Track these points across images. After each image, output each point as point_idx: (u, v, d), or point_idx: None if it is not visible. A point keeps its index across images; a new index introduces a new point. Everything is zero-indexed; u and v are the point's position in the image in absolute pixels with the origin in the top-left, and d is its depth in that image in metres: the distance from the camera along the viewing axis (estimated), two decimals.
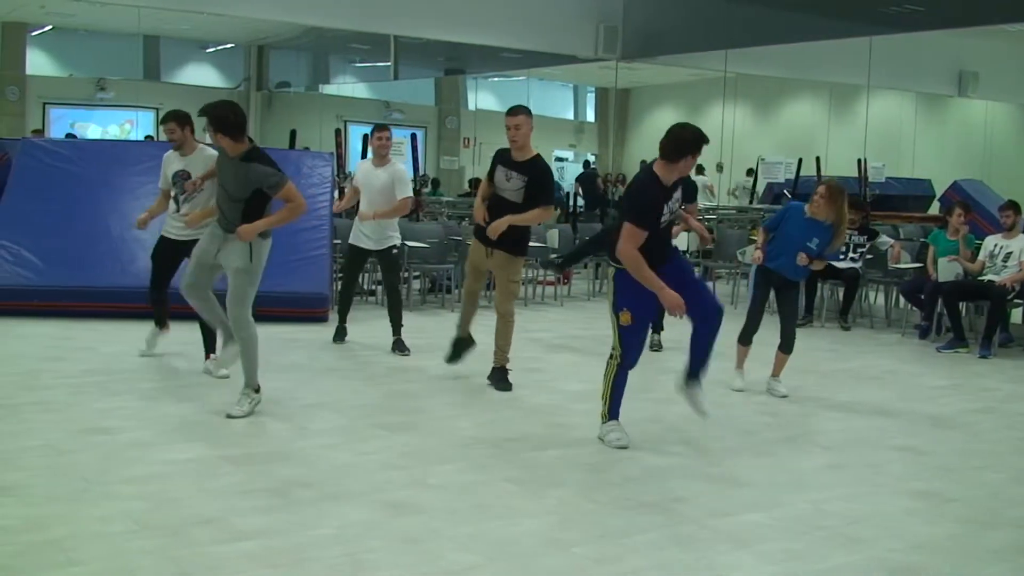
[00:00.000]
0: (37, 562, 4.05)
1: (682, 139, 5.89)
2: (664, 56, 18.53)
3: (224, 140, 6.36)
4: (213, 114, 6.34)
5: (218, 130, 6.32)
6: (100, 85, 24.64)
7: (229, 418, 6.32)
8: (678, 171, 5.94)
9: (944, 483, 5.74)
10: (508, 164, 7.38)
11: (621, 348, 6.08)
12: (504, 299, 7.59)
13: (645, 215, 5.89)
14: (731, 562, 4.40)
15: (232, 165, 6.39)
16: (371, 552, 4.31)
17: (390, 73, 21.89)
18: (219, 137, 6.36)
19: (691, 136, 5.89)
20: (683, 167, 5.93)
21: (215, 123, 6.32)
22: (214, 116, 6.33)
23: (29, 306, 9.62)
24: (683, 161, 5.89)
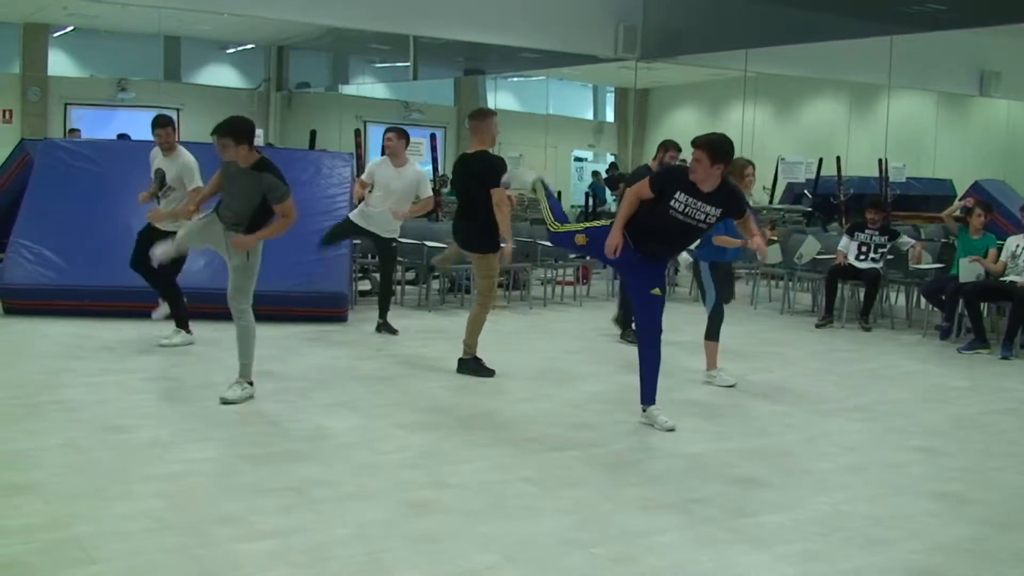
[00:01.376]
0: (59, 560, 4.08)
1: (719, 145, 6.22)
2: (684, 56, 18.50)
3: (243, 151, 6.60)
4: (236, 128, 6.60)
5: (240, 142, 6.57)
6: (121, 86, 24.75)
7: (224, 402, 6.59)
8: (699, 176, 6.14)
9: (965, 484, 5.71)
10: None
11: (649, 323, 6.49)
12: (481, 290, 8.15)
13: (655, 181, 6.31)
14: (750, 563, 4.39)
15: (243, 175, 6.65)
16: (390, 551, 4.32)
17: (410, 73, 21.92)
18: (240, 149, 6.59)
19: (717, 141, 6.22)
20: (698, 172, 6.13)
21: (239, 136, 6.58)
22: (237, 129, 6.59)
23: (50, 305, 9.67)
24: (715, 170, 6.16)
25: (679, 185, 6.17)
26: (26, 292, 9.73)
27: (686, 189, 6.15)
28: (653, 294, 6.45)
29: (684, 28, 17.76)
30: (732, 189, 6.34)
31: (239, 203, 6.72)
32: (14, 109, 23.45)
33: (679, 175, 6.26)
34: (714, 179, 6.15)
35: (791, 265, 12.18)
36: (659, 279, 6.57)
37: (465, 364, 8.02)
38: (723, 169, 6.16)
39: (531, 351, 9.23)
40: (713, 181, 6.15)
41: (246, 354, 6.79)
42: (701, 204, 6.17)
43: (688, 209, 6.16)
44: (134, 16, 20.88)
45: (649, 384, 6.55)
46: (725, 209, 6.26)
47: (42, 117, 23.39)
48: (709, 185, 6.15)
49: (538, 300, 12.47)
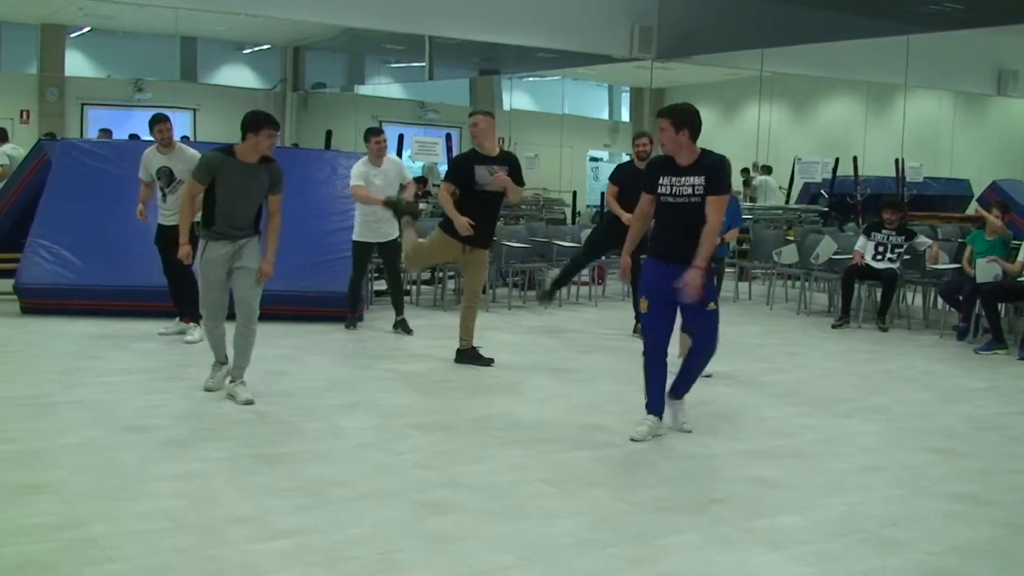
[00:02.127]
0: (76, 559, 4.09)
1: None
2: (699, 55, 18.46)
3: (250, 143, 6.58)
4: (267, 117, 6.61)
5: (264, 131, 6.54)
6: (138, 86, 24.84)
7: (247, 403, 6.63)
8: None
9: (982, 486, 5.69)
10: (487, 160, 8.17)
11: (644, 334, 6.34)
12: (478, 283, 8.49)
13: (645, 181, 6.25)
14: (766, 564, 4.38)
15: (246, 169, 6.57)
16: (404, 551, 4.32)
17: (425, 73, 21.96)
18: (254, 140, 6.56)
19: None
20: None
21: (263, 125, 6.55)
22: (269, 119, 6.61)
23: (67, 305, 9.72)
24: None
25: (660, 170, 6.12)
26: (44, 291, 9.78)
27: (667, 171, 6.08)
28: (709, 310, 6.15)
29: (700, 28, 17.73)
30: (715, 161, 6.09)
31: (250, 205, 6.68)
32: (32, 109, 23.57)
33: (657, 161, 6.26)
34: (688, 150, 6.01)
35: (807, 265, 12.15)
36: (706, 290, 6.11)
37: (464, 355, 8.32)
38: (690, 136, 6.00)
39: (546, 351, 9.22)
40: (688, 153, 6.02)
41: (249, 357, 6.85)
42: (683, 178, 6.03)
43: (674, 188, 6.04)
44: (151, 16, 20.96)
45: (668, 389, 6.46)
46: (707, 177, 5.98)
47: (59, 117, 23.49)
48: (685, 157, 6.03)
49: (553, 300, 12.46)
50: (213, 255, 6.64)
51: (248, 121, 6.59)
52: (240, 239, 6.66)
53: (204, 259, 6.67)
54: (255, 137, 6.53)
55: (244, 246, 6.67)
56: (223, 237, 6.63)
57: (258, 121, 6.57)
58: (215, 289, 6.72)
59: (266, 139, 6.55)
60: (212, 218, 6.63)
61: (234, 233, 6.63)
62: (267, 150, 6.61)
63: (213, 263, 6.65)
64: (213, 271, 6.66)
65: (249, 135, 6.56)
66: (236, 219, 6.63)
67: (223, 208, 6.60)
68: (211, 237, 6.65)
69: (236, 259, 6.66)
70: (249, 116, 6.64)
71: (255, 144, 6.55)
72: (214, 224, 6.63)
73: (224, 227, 6.61)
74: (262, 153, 6.60)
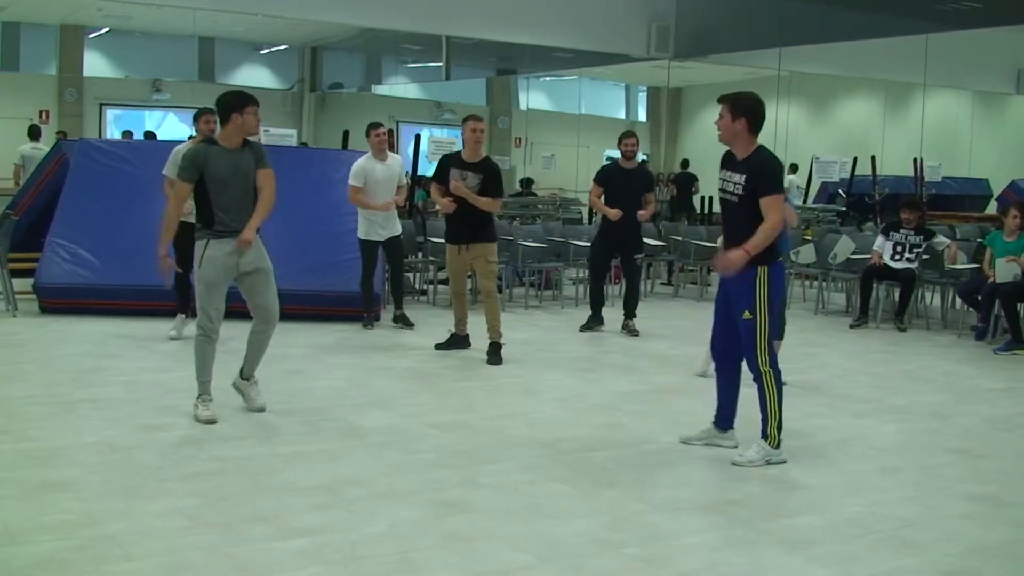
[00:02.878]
0: (94, 557, 4.11)
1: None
2: (717, 55, 18.42)
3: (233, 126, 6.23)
4: (248, 95, 6.32)
5: (249, 108, 6.22)
6: (156, 86, 24.96)
7: (260, 410, 6.51)
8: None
9: (1000, 487, 5.66)
10: (462, 165, 8.49)
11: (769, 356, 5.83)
12: (489, 280, 8.64)
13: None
14: (784, 565, 4.37)
15: (232, 155, 6.20)
16: (422, 551, 4.33)
17: (442, 73, 21.97)
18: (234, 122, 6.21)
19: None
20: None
21: (248, 103, 6.23)
22: (250, 96, 6.30)
23: (86, 304, 9.76)
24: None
25: (722, 164, 5.85)
26: (63, 291, 9.82)
27: (725, 164, 5.83)
28: (744, 319, 5.78)
29: (717, 27, 17.69)
30: (763, 158, 5.72)
31: (245, 192, 6.26)
32: (51, 110, 23.70)
33: (725, 155, 5.88)
34: (743, 141, 5.71)
35: (825, 265, 12.10)
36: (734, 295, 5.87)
37: (494, 348, 8.48)
38: (748, 127, 5.68)
39: (563, 351, 9.21)
40: (743, 144, 5.72)
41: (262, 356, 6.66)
42: (730, 173, 5.77)
43: (724, 184, 5.81)
44: (169, 17, 21.05)
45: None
46: (749, 176, 5.66)
47: (78, 118, 23.61)
48: (740, 150, 5.74)
49: (570, 300, 12.46)
50: (216, 253, 6.19)
51: (230, 101, 6.21)
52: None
53: (206, 258, 6.19)
54: (240, 117, 6.16)
55: (249, 250, 6.30)
56: (225, 234, 6.20)
57: (242, 99, 6.23)
58: (216, 290, 6.23)
59: (252, 117, 6.22)
60: (210, 216, 6.21)
61: (235, 228, 6.19)
62: (253, 129, 6.30)
63: (215, 261, 6.19)
64: (215, 270, 6.20)
65: (233, 116, 6.16)
66: (234, 211, 6.19)
67: (218, 201, 6.18)
68: (212, 235, 6.21)
69: (241, 260, 6.25)
70: (231, 96, 6.27)
71: (240, 125, 6.19)
72: (213, 222, 6.21)
73: (224, 223, 6.20)
74: (248, 133, 6.27)
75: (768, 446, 5.80)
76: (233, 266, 6.25)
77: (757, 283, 5.70)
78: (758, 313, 5.71)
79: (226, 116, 6.21)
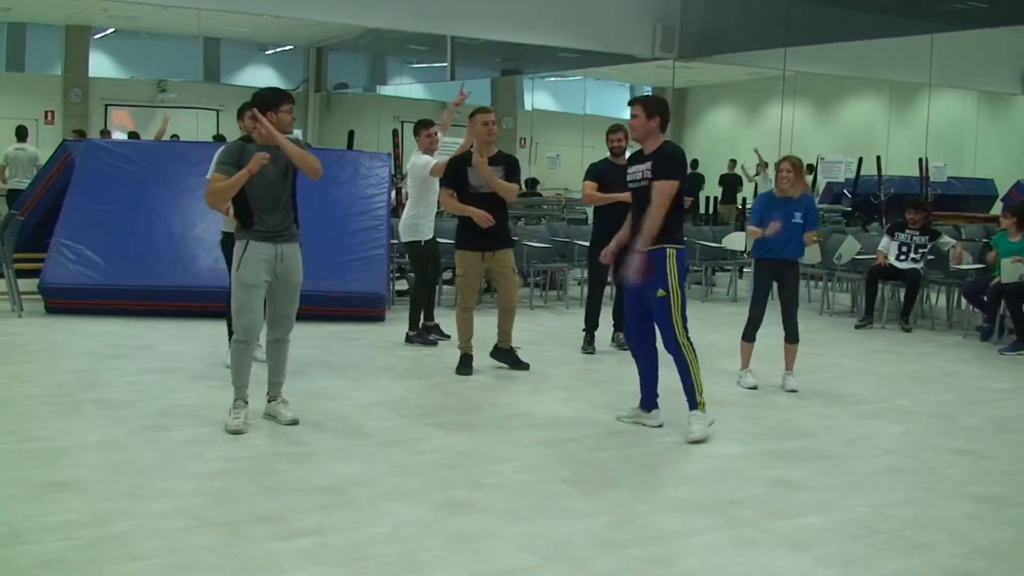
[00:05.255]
0: (98, 556, 4.12)
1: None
2: (721, 55, 18.43)
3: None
4: (282, 92, 6.25)
5: (283, 106, 6.06)
6: (161, 87, 24.99)
7: (293, 423, 6.19)
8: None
9: (1006, 488, 5.65)
10: (496, 163, 7.94)
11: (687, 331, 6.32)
12: (516, 292, 8.21)
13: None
14: (788, 565, 4.36)
15: (271, 153, 5.97)
16: (426, 551, 4.33)
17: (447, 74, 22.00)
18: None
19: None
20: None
21: (281, 100, 6.09)
22: (285, 93, 6.22)
23: (91, 304, 9.77)
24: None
25: (630, 162, 6.58)
26: (68, 291, 9.84)
27: (633, 161, 6.50)
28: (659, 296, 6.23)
29: (722, 27, 17.69)
30: (669, 149, 6.35)
31: (283, 191, 6.10)
32: (56, 110, 23.76)
33: (633, 155, 6.60)
34: (655, 137, 6.34)
35: (830, 265, 12.09)
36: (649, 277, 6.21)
37: (500, 353, 8.24)
38: (661, 124, 6.32)
39: (567, 350, 9.21)
40: (654, 140, 6.34)
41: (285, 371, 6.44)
42: (637, 167, 6.39)
43: (632, 176, 6.43)
44: (174, 18, 21.10)
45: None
46: (655, 163, 6.24)
47: (83, 118, 23.66)
48: (651, 145, 6.34)
49: (575, 300, 12.45)
50: (255, 255, 6.02)
51: (264, 98, 6.08)
52: (281, 241, 6.08)
53: (245, 259, 6.02)
54: (275, 116, 6.00)
55: (285, 252, 6.10)
56: (265, 238, 6.03)
57: (275, 96, 6.10)
58: (255, 294, 6.06)
59: (286, 115, 6.04)
60: (248, 217, 6.05)
61: (275, 231, 6.04)
62: (288, 127, 6.09)
63: (255, 264, 6.02)
64: (255, 272, 6.02)
65: (268, 114, 6.01)
66: (273, 212, 6.04)
67: (257, 201, 6.02)
68: (252, 237, 6.03)
69: (280, 267, 6.07)
70: (264, 93, 6.17)
71: (274, 123, 6.02)
72: (252, 223, 6.05)
73: (263, 224, 6.03)
74: (283, 131, 6.06)
75: (702, 414, 6.29)
76: (272, 271, 6.07)
77: (668, 263, 6.20)
78: (671, 290, 6.21)
79: (260, 114, 6.04)
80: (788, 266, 7.89)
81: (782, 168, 7.91)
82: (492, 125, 7.92)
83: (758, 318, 7.95)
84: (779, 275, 7.90)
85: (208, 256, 8.58)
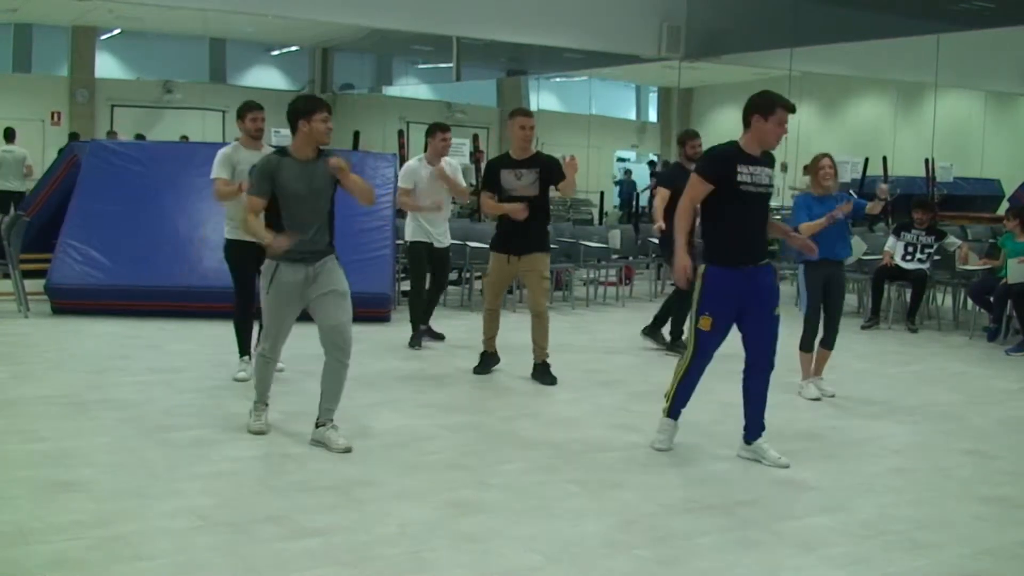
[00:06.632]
0: (106, 557, 4.12)
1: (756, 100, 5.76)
2: (728, 55, 18.39)
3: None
4: (318, 100, 5.85)
5: (317, 115, 5.64)
6: (167, 88, 25.02)
7: (346, 451, 5.71)
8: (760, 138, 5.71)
9: (1014, 488, 5.64)
10: (513, 164, 7.76)
11: (695, 352, 5.84)
12: (542, 298, 7.85)
13: (710, 164, 5.77)
14: (796, 566, 4.36)
15: (306, 166, 5.68)
16: (433, 551, 4.33)
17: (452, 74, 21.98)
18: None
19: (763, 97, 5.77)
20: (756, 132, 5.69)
21: (316, 108, 5.68)
22: (321, 101, 5.82)
23: (97, 305, 9.78)
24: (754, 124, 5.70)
25: (736, 159, 5.68)
26: (74, 292, 9.85)
27: (743, 160, 5.69)
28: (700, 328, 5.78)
29: (728, 27, 17.67)
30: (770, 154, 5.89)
31: (320, 208, 5.74)
32: (62, 111, 23.78)
33: (730, 150, 5.75)
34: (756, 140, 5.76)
35: None
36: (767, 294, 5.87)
37: (541, 369, 7.85)
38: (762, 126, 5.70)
39: (574, 351, 9.20)
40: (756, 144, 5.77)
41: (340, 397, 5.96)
42: (759, 168, 5.72)
43: (753, 178, 5.68)
44: (180, 18, 21.13)
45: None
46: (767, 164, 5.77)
47: (90, 119, 23.69)
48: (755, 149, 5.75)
49: (580, 301, 12.46)
50: (285, 279, 5.70)
51: (297, 107, 5.67)
52: (315, 261, 5.72)
53: (275, 283, 5.70)
54: (308, 124, 5.62)
55: (321, 271, 5.74)
56: (297, 260, 5.67)
57: (309, 105, 5.68)
58: (284, 319, 5.84)
59: (321, 124, 5.62)
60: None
61: (309, 251, 5.68)
62: (324, 137, 5.68)
63: (286, 288, 5.72)
64: (285, 298, 5.75)
65: (300, 123, 5.63)
66: (308, 230, 5.66)
67: (290, 219, 5.64)
68: (283, 258, 5.68)
69: (313, 287, 5.73)
70: (299, 101, 5.74)
71: (308, 134, 5.64)
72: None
73: (295, 245, 5.63)
74: (318, 142, 5.68)
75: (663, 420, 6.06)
76: (304, 295, 5.76)
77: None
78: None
79: (293, 124, 5.67)
80: (837, 267, 7.68)
81: (824, 164, 7.71)
82: (529, 130, 7.77)
83: (817, 325, 7.63)
84: (829, 278, 7.62)
85: (214, 257, 8.56)
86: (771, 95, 5.74)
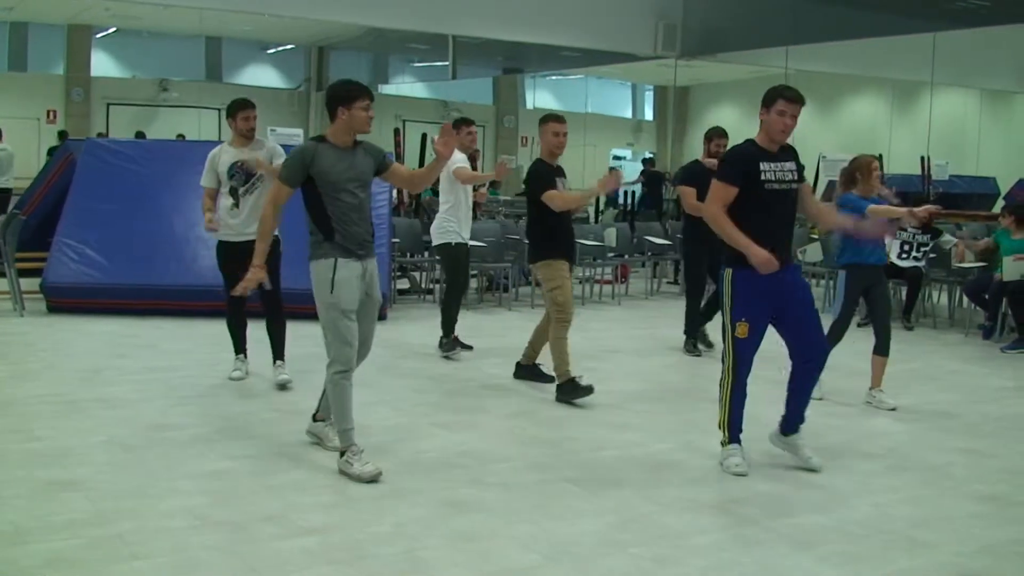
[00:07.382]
0: (103, 556, 4.12)
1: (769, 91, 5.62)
2: (724, 53, 18.40)
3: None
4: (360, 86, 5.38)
5: (358, 103, 5.29)
6: (163, 86, 25.01)
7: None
8: (767, 132, 5.59)
9: (1009, 486, 5.65)
10: (560, 173, 7.46)
11: (736, 362, 5.62)
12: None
13: (731, 166, 5.56)
14: (792, 564, 4.36)
15: (346, 155, 5.32)
16: (429, 550, 4.33)
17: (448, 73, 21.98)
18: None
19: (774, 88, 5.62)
20: (763, 125, 5.57)
21: (357, 96, 5.30)
22: (363, 88, 5.38)
23: (93, 304, 9.77)
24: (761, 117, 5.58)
25: (756, 157, 5.54)
26: (70, 291, 9.85)
27: (763, 157, 5.55)
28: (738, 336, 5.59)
29: (724, 25, 17.67)
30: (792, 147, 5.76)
31: (362, 200, 5.41)
32: (58, 109, 23.76)
33: (749, 149, 5.61)
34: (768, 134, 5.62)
35: (832, 263, 12.08)
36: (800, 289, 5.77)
37: (561, 389, 7.22)
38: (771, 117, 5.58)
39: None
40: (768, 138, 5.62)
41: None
42: (780, 163, 5.59)
43: (777, 174, 5.54)
44: (176, 17, 21.12)
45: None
46: (797, 162, 5.67)
47: (85, 118, 23.67)
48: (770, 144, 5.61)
49: (576, 299, 12.44)
50: (347, 274, 5.28)
51: (337, 92, 5.30)
52: (366, 257, 5.39)
53: (339, 281, 5.24)
54: (347, 112, 5.24)
55: (370, 269, 5.42)
56: (351, 254, 5.30)
57: (350, 91, 5.27)
58: (354, 319, 5.37)
59: (362, 112, 5.25)
60: (329, 230, 5.28)
61: (360, 245, 5.34)
62: (365, 126, 5.31)
63: (350, 286, 5.29)
64: (352, 296, 5.30)
65: (340, 110, 5.26)
66: (355, 223, 5.32)
67: (336, 211, 5.27)
68: (339, 252, 5.27)
69: (364, 284, 5.40)
70: (339, 87, 5.33)
71: (347, 122, 5.27)
72: (334, 236, 5.29)
73: (349, 238, 5.29)
74: (358, 131, 5.31)
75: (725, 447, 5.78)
76: (363, 290, 5.41)
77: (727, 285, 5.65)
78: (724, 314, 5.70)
79: (332, 111, 5.31)
80: (880, 271, 7.50)
81: (876, 166, 7.42)
82: (563, 137, 7.53)
83: (842, 333, 7.45)
84: (873, 282, 7.43)
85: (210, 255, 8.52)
86: (775, 87, 5.67)
